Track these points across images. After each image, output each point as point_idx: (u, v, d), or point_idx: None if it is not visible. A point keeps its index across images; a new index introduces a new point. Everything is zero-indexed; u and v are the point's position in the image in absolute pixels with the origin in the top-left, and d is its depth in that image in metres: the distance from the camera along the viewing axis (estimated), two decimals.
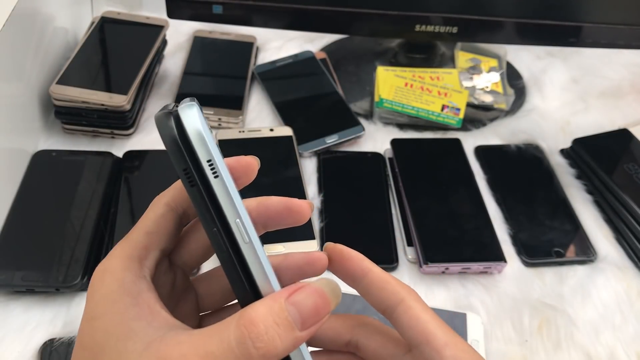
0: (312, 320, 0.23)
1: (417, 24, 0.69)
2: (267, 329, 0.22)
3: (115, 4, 0.79)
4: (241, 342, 0.22)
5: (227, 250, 0.23)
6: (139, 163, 0.61)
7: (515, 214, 0.61)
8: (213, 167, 0.21)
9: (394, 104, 0.69)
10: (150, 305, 0.25)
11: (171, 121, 0.20)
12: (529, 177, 0.65)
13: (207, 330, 0.23)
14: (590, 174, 0.64)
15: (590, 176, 0.64)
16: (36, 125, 0.64)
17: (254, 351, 0.22)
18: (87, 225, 0.54)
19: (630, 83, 0.80)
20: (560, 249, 0.58)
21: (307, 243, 0.52)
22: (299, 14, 0.68)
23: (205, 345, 0.22)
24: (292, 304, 0.23)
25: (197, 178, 0.21)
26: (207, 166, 0.21)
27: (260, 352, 0.22)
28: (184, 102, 0.21)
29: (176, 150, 0.21)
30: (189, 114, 0.20)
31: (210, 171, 0.21)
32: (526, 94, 0.77)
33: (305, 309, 0.23)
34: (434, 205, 0.59)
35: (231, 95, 0.70)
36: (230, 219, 0.22)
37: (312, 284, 0.24)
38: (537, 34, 0.70)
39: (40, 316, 0.50)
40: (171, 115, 0.20)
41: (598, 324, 0.53)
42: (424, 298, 0.54)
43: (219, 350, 0.22)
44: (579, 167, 0.66)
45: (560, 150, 0.69)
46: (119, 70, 0.65)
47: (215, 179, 0.21)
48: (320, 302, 0.24)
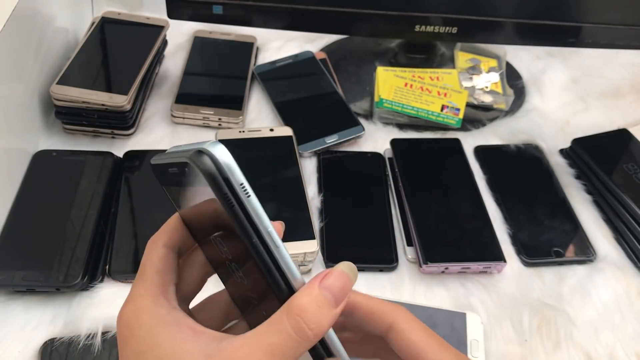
0: (341, 297, 0.28)
1: (416, 24, 0.69)
2: (314, 312, 0.26)
3: (115, 4, 0.79)
4: (298, 328, 0.26)
5: (269, 255, 0.27)
6: (139, 163, 0.61)
7: (514, 213, 0.61)
8: (245, 189, 0.26)
9: (393, 104, 0.70)
10: (193, 327, 0.28)
11: (207, 159, 0.25)
12: (529, 177, 0.65)
13: (260, 329, 0.26)
14: (590, 174, 0.64)
15: (589, 176, 0.64)
16: (37, 125, 0.64)
17: (309, 332, 0.26)
18: (87, 225, 0.54)
19: (630, 83, 0.80)
20: (560, 249, 0.58)
21: (307, 243, 0.52)
22: (299, 14, 0.68)
23: (266, 340, 0.26)
24: (324, 289, 0.27)
25: (234, 200, 0.26)
26: (240, 189, 0.26)
27: (314, 332, 0.26)
28: (208, 143, 0.26)
29: (216, 181, 0.25)
30: (219, 150, 0.25)
31: (244, 193, 0.26)
32: (526, 94, 0.77)
33: (335, 289, 0.27)
34: (433, 205, 0.59)
35: (231, 96, 0.70)
36: (262, 230, 0.27)
37: (334, 268, 0.28)
38: (536, 34, 0.70)
39: (40, 316, 0.50)
40: (204, 154, 0.25)
41: (597, 324, 0.53)
42: (424, 298, 0.54)
43: (280, 340, 0.26)
44: (578, 167, 0.66)
45: (559, 150, 0.69)
46: (119, 70, 0.65)
47: (247, 198, 0.26)
48: (346, 281, 0.28)
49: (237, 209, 0.26)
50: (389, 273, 0.56)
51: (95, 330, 0.48)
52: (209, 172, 0.25)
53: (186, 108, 0.68)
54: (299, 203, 0.55)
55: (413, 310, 0.52)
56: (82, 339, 0.47)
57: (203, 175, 0.25)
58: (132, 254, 0.53)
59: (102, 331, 0.48)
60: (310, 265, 0.54)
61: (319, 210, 0.60)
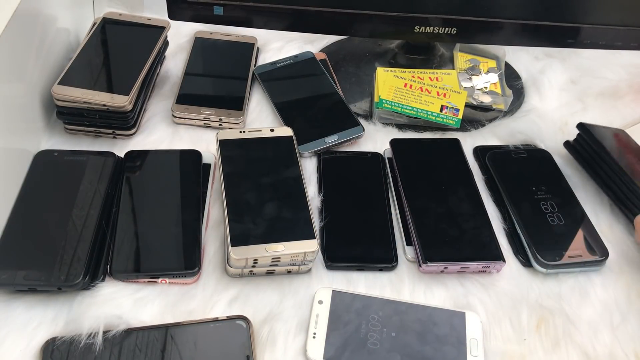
0: None
1: (416, 25, 0.69)
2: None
3: (116, 5, 0.80)
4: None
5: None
6: (140, 163, 0.61)
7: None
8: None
9: (393, 104, 0.70)
10: None
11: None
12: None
13: None
14: (601, 156, 0.63)
15: (598, 161, 0.63)
16: (38, 125, 0.64)
17: None
18: (89, 225, 0.54)
19: (628, 84, 0.80)
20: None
21: (307, 242, 0.52)
22: (299, 15, 0.68)
23: None
24: None
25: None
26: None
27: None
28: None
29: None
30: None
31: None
32: (524, 94, 0.78)
33: None
34: (433, 204, 0.60)
35: (232, 96, 0.71)
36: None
37: None
38: (535, 35, 0.70)
39: (42, 315, 0.50)
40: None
41: (596, 323, 0.54)
42: (423, 297, 0.55)
43: None
44: (585, 155, 0.65)
45: (564, 143, 0.68)
46: (120, 70, 0.65)
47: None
48: None
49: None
50: (388, 272, 0.56)
51: (97, 330, 0.48)
52: None
53: (187, 108, 0.68)
54: (299, 203, 0.55)
55: (412, 310, 0.52)
56: (84, 338, 0.48)
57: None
58: (134, 253, 0.53)
59: (103, 330, 0.48)
60: (310, 264, 0.55)
61: (319, 210, 0.60)
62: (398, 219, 0.61)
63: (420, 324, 0.51)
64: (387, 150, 0.67)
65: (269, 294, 0.54)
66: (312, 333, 0.50)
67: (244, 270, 0.53)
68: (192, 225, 0.56)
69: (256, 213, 0.53)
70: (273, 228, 0.53)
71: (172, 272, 0.53)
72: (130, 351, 0.47)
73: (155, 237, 0.55)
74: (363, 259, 0.56)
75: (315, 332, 0.50)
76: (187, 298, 0.53)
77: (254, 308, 0.52)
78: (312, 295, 0.54)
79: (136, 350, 0.48)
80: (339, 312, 0.52)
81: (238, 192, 0.55)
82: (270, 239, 0.52)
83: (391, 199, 0.62)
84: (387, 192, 0.63)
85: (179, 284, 0.53)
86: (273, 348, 0.50)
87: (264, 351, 0.49)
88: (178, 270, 0.53)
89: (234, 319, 0.50)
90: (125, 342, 0.48)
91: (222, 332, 0.49)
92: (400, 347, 0.50)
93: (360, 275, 0.56)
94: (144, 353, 0.47)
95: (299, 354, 0.50)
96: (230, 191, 0.55)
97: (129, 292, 0.52)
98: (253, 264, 0.52)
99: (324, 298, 0.53)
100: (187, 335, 0.49)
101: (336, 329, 0.51)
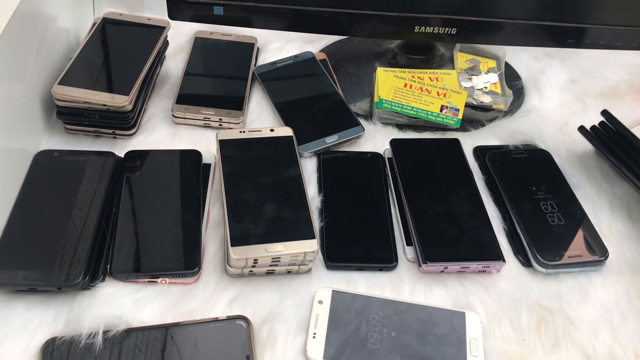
0: None
1: (416, 25, 0.69)
2: None
3: (116, 5, 0.80)
4: None
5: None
6: (140, 163, 0.61)
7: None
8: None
9: (393, 104, 0.70)
10: None
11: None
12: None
13: None
14: (623, 144, 0.62)
15: (622, 146, 0.62)
16: (38, 125, 0.64)
17: None
18: (89, 225, 0.54)
19: (629, 84, 0.80)
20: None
21: (307, 242, 0.52)
22: (299, 15, 0.68)
23: None
24: None
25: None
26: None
27: None
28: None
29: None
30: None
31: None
32: (525, 94, 0.78)
33: None
34: (432, 204, 0.60)
35: (232, 96, 0.71)
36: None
37: None
38: (535, 35, 0.70)
39: (42, 315, 0.50)
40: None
41: (596, 323, 0.54)
42: (423, 297, 0.55)
43: None
44: (608, 139, 0.64)
45: (580, 128, 0.67)
46: (120, 70, 0.65)
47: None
48: None
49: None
50: (388, 272, 0.56)
51: (97, 330, 0.48)
52: None
53: (187, 108, 0.68)
54: (299, 203, 0.55)
55: (413, 310, 0.52)
56: (84, 338, 0.48)
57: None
58: (134, 253, 0.54)
59: (103, 330, 0.48)
60: (310, 264, 0.55)
61: (319, 210, 0.60)
62: (398, 219, 0.61)
63: (420, 324, 0.51)
64: (387, 150, 0.67)
65: (269, 294, 0.54)
66: (312, 333, 0.50)
67: (244, 270, 0.53)
68: (192, 225, 0.56)
69: (256, 213, 0.54)
70: (273, 228, 0.53)
71: (172, 272, 0.53)
72: (130, 351, 0.47)
73: (155, 237, 0.55)
74: (363, 259, 0.56)
75: (315, 332, 0.50)
76: (187, 298, 0.53)
77: (254, 308, 0.52)
78: (312, 295, 0.54)
79: (136, 350, 0.48)
80: (339, 312, 0.52)
81: (238, 192, 0.55)
82: (270, 239, 0.52)
83: (391, 199, 0.62)
84: (387, 192, 0.63)
85: (179, 284, 0.54)
86: (273, 348, 0.50)
87: (264, 351, 0.49)
88: (178, 270, 0.53)
89: (234, 319, 0.50)
90: (125, 342, 0.48)
91: (222, 332, 0.49)
92: (400, 347, 0.50)
93: (360, 275, 0.56)
94: (144, 353, 0.47)
95: (299, 354, 0.50)
96: (230, 191, 0.55)
97: (129, 292, 0.52)
98: (253, 264, 0.52)
99: (324, 298, 0.53)
100: (187, 335, 0.49)
101: (336, 329, 0.51)
